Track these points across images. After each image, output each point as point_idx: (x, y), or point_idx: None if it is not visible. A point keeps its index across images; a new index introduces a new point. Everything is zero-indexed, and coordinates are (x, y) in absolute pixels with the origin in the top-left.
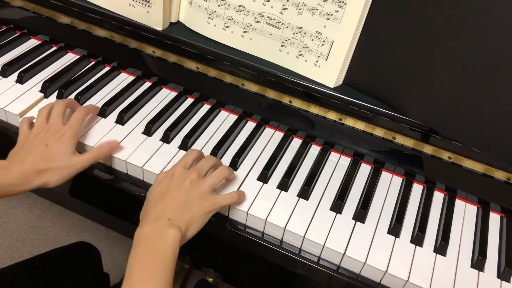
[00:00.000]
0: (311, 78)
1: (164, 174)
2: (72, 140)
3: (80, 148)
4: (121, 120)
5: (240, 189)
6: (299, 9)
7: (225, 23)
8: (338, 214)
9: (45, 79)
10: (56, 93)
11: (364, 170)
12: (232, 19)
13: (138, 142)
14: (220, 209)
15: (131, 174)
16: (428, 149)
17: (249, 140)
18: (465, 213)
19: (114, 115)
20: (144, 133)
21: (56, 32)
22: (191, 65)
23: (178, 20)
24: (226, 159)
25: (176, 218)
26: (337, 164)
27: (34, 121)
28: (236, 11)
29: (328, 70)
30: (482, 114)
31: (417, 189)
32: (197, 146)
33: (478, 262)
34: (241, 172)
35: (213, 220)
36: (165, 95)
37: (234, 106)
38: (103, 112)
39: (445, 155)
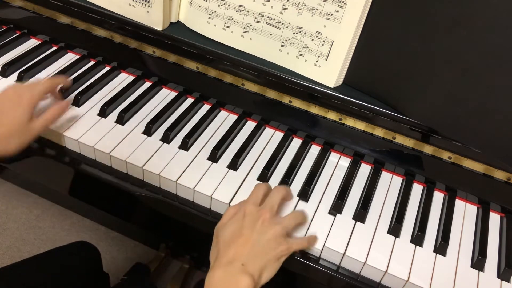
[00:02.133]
0: (311, 78)
1: (234, 210)
2: (28, 107)
3: (81, 148)
4: (121, 120)
5: (240, 188)
6: (299, 9)
7: (225, 23)
8: (338, 214)
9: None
10: None
11: (364, 170)
12: (232, 19)
13: (138, 142)
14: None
15: (131, 174)
16: (428, 149)
17: (249, 140)
18: (465, 213)
19: (114, 115)
20: (144, 133)
21: (56, 32)
22: (191, 65)
23: (178, 20)
24: (226, 159)
25: (250, 264)
26: (337, 164)
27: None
28: (236, 11)
29: (328, 70)
30: (482, 114)
31: (417, 189)
32: (197, 146)
33: (478, 262)
34: (241, 172)
35: (213, 220)
36: (165, 95)
37: (234, 106)
38: (103, 112)
39: (445, 155)
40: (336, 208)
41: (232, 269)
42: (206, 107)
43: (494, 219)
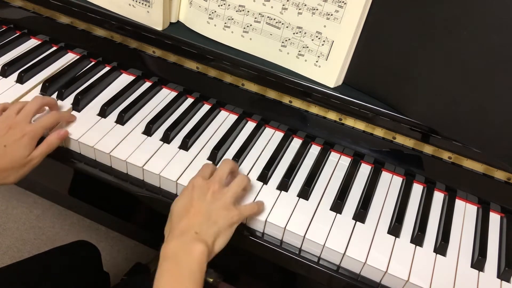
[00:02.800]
0: (311, 78)
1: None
2: (31, 142)
3: (81, 148)
4: (121, 120)
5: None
6: (299, 9)
7: (225, 23)
8: (338, 214)
9: (45, 79)
10: (56, 93)
11: (364, 170)
12: (232, 19)
13: (138, 142)
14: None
15: (131, 174)
16: (428, 149)
17: (249, 140)
18: (465, 213)
19: (114, 115)
20: (144, 133)
21: (56, 32)
22: (191, 65)
23: (178, 20)
24: None
25: (202, 232)
26: (337, 164)
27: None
28: (236, 11)
29: (328, 70)
30: (482, 114)
31: (417, 189)
32: (197, 146)
33: (478, 262)
34: (241, 172)
35: None
36: (165, 95)
37: (234, 106)
38: (103, 112)
39: (445, 155)
40: (336, 208)
41: (186, 238)
42: (206, 107)
43: (494, 219)
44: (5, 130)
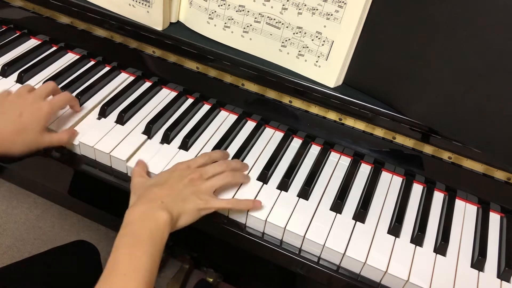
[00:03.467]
0: (311, 78)
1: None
2: (46, 116)
3: (82, 148)
4: (121, 120)
5: (240, 189)
6: (299, 9)
7: (225, 23)
8: (338, 214)
9: (45, 79)
10: None
11: (364, 170)
12: (232, 19)
13: (138, 142)
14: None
15: (131, 174)
16: (428, 149)
17: (249, 140)
18: (465, 213)
19: (114, 115)
20: (144, 133)
21: (56, 32)
22: (191, 65)
23: (178, 20)
24: None
25: (169, 203)
26: (337, 164)
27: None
28: (236, 11)
29: (328, 70)
30: (482, 114)
31: (417, 189)
32: (197, 146)
33: (478, 262)
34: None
35: (213, 220)
36: (165, 95)
37: (234, 106)
38: (103, 112)
39: (445, 155)
40: (336, 208)
41: (153, 205)
42: (206, 107)
43: (494, 219)
44: (22, 99)
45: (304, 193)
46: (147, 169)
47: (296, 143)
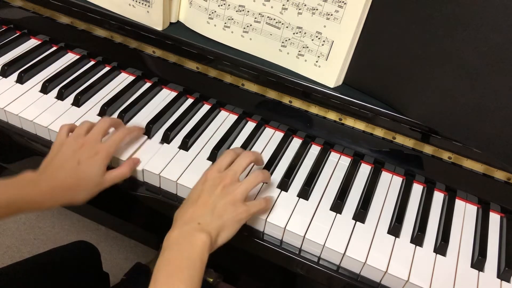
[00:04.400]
0: (311, 78)
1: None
2: (105, 161)
3: None
4: (121, 120)
5: None
6: (299, 9)
7: (225, 23)
8: (338, 214)
9: (45, 79)
10: (56, 93)
11: (364, 170)
12: (232, 19)
13: (138, 142)
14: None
15: (131, 174)
16: (428, 149)
17: (249, 140)
18: (465, 213)
19: (114, 115)
20: (144, 133)
21: (56, 32)
22: (191, 65)
23: (178, 20)
24: None
25: (206, 223)
26: (337, 164)
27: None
28: (236, 11)
29: (328, 70)
30: (482, 114)
31: (417, 189)
32: (197, 146)
33: (478, 262)
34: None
35: None
36: (165, 95)
37: (234, 106)
38: (103, 112)
39: (445, 155)
40: (336, 208)
41: (189, 228)
42: (206, 107)
43: (494, 219)
44: (78, 146)
45: (304, 193)
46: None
47: (296, 143)
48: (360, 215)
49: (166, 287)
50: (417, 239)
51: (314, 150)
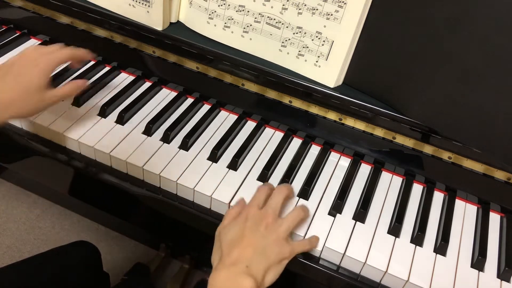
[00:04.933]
0: (311, 78)
1: (235, 211)
2: (43, 72)
3: (81, 148)
4: (121, 120)
5: (240, 189)
6: (299, 9)
7: (225, 23)
8: (338, 214)
9: None
10: None
11: (364, 170)
12: (232, 19)
13: (138, 142)
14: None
15: (131, 174)
16: (428, 149)
17: (249, 140)
18: (465, 213)
19: (114, 115)
20: (144, 133)
21: (56, 32)
22: (191, 65)
23: (178, 20)
24: (226, 159)
25: (253, 266)
26: (337, 164)
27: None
28: (236, 11)
29: (328, 70)
30: (482, 114)
31: (417, 189)
32: (197, 146)
33: (478, 262)
34: (241, 172)
35: (213, 220)
36: (165, 95)
37: (234, 106)
38: (103, 112)
39: (445, 155)
40: (336, 208)
41: (236, 270)
42: (206, 107)
43: (494, 219)
44: (21, 61)
45: (304, 193)
46: (241, 207)
47: (296, 143)
48: (360, 215)
49: None
50: (417, 239)
51: (314, 150)
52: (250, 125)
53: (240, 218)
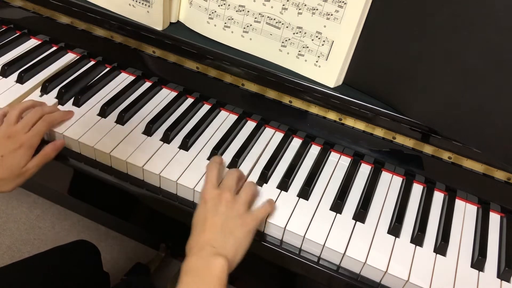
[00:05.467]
0: (311, 78)
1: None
2: (27, 152)
3: (81, 148)
4: (121, 120)
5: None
6: (299, 9)
7: (225, 23)
8: (338, 214)
9: (45, 79)
10: (56, 93)
11: (364, 170)
12: (232, 19)
13: (138, 142)
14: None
15: (131, 174)
16: (428, 149)
17: (249, 140)
18: (465, 213)
19: (114, 115)
20: (144, 133)
21: (56, 32)
22: (191, 65)
23: (178, 20)
24: (226, 159)
25: (220, 245)
26: (337, 164)
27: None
28: (236, 11)
29: (328, 70)
30: (482, 114)
31: (417, 189)
32: (197, 146)
33: (478, 262)
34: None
35: None
36: (165, 95)
37: (234, 106)
38: (103, 112)
39: (445, 155)
40: (336, 208)
41: (204, 253)
42: (206, 107)
43: (494, 219)
44: (3, 140)
45: (304, 193)
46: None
47: (296, 143)
48: (360, 215)
49: None
50: (417, 239)
51: (314, 150)
52: (250, 125)
53: (199, 205)
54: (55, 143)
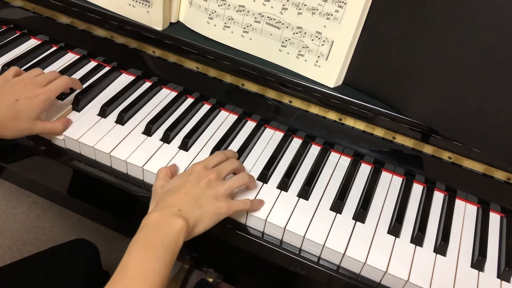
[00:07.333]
0: (311, 78)
1: (165, 170)
2: (42, 104)
3: (81, 148)
4: (121, 120)
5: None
6: (299, 9)
7: (225, 23)
8: (338, 214)
9: None
10: None
11: (364, 170)
12: (232, 19)
13: (138, 142)
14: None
15: (131, 174)
16: (428, 149)
17: (249, 140)
18: (465, 213)
19: (114, 115)
20: (144, 133)
21: (56, 32)
22: (191, 65)
23: (178, 20)
24: None
25: (186, 211)
26: (337, 164)
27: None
28: (236, 11)
29: (328, 70)
30: (482, 114)
31: (417, 189)
32: (197, 146)
33: (478, 262)
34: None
35: None
36: (165, 95)
37: (234, 106)
38: (103, 112)
39: (445, 155)
40: (336, 208)
41: (168, 212)
42: (206, 107)
43: (494, 219)
44: (21, 86)
45: (304, 193)
46: (174, 172)
47: (296, 143)
48: (360, 215)
49: (139, 259)
50: (417, 239)
51: (314, 150)
52: (250, 125)
53: (184, 172)
54: (66, 120)
